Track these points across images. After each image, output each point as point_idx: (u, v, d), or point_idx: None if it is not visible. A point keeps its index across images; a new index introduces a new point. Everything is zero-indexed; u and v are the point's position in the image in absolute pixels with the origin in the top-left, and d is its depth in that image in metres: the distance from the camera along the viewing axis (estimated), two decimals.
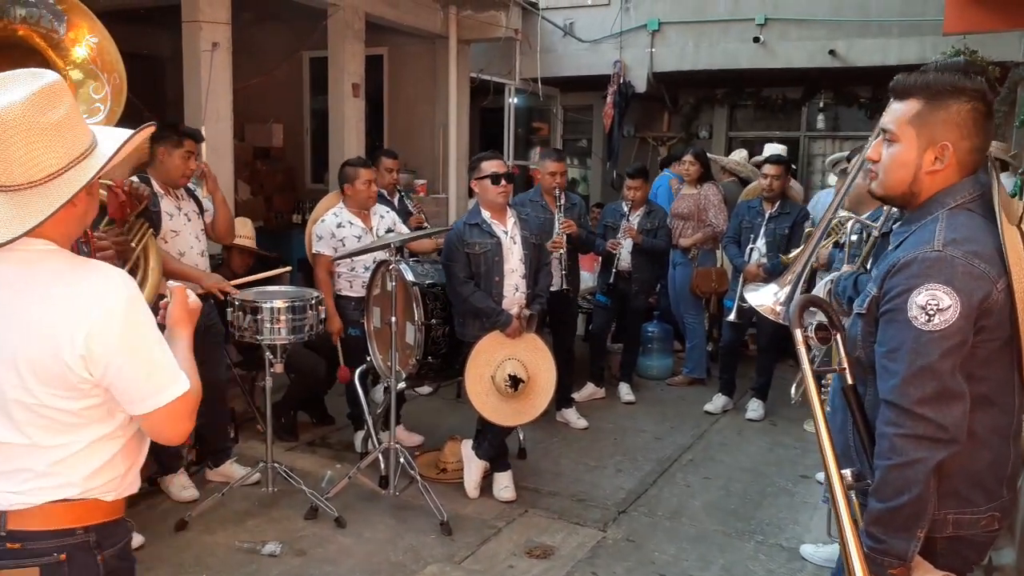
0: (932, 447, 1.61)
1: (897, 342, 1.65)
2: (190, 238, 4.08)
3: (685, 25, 9.09)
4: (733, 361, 5.82)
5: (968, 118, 1.69)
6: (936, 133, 1.70)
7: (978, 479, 1.70)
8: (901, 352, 1.63)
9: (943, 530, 1.70)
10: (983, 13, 5.09)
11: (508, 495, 4.22)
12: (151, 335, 1.58)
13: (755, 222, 5.50)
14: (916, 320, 1.61)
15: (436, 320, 4.19)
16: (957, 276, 1.60)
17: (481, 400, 4.02)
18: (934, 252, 1.63)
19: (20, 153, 1.45)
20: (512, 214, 4.31)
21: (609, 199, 8.77)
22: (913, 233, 1.73)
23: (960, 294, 1.59)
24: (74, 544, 1.57)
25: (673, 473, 4.69)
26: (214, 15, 5.48)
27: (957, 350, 1.61)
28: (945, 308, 1.59)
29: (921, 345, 1.61)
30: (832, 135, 10.00)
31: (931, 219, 1.71)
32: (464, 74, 8.33)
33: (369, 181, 4.65)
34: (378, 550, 3.68)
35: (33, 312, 1.50)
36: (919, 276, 1.62)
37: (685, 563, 3.65)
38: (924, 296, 1.60)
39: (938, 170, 1.72)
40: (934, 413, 1.60)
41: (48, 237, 1.54)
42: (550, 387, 4.17)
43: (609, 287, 5.83)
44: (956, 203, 1.71)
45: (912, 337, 1.62)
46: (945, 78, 1.70)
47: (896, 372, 1.64)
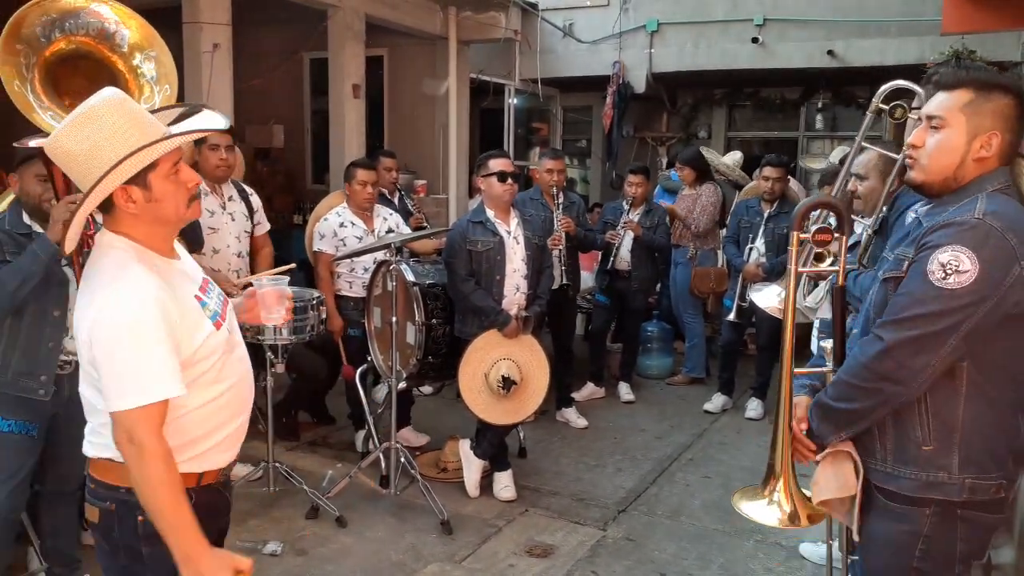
0: (886, 384, 1.76)
1: (908, 288, 1.76)
2: (228, 237, 4.15)
3: (684, 26, 9.10)
4: (732, 360, 5.83)
5: (1012, 112, 1.79)
6: (985, 122, 1.79)
7: (990, 446, 1.78)
8: (906, 297, 1.75)
9: (960, 494, 1.77)
10: (981, 13, 5.09)
11: (508, 494, 4.23)
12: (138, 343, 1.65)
13: (754, 222, 5.51)
14: (932, 275, 1.69)
15: (437, 320, 4.20)
16: (987, 246, 1.67)
17: (473, 397, 4.05)
18: (974, 219, 1.71)
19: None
20: (516, 214, 4.32)
21: (608, 199, 8.77)
22: (952, 210, 1.78)
23: (983, 263, 1.67)
24: (119, 499, 1.76)
25: (673, 472, 4.71)
26: (215, 16, 5.50)
27: (957, 313, 1.69)
28: (964, 271, 1.67)
29: (927, 297, 1.70)
30: (831, 135, 10.00)
31: (970, 200, 1.77)
32: (464, 75, 8.34)
33: (365, 182, 4.66)
34: (379, 549, 3.69)
35: (84, 292, 1.74)
36: (951, 236, 1.70)
37: (685, 562, 3.67)
38: (948, 255, 1.69)
39: (984, 157, 1.80)
40: (905, 357, 1.73)
41: (124, 233, 1.75)
42: (542, 389, 4.19)
43: (608, 286, 5.86)
44: (994, 188, 1.79)
45: (921, 288, 1.71)
46: (993, 74, 1.85)
47: (894, 312, 1.76)
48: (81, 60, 3.11)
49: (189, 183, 1.79)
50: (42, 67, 3.01)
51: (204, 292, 1.86)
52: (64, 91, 3.12)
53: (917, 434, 1.79)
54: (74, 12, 3.01)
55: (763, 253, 5.44)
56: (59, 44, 3.02)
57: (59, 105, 3.02)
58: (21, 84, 2.90)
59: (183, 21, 5.51)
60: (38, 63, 2.98)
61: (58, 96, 3.06)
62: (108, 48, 3.08)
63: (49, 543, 3.13)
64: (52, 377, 2.86)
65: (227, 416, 1.87)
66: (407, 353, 4.19)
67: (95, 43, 3.06)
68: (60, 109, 3.01)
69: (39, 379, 2.83)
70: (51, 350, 2.85)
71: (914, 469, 1.79)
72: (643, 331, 6.43)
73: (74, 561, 3.16)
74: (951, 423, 1.77)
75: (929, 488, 1.79)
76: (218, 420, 1.85)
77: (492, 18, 8.07)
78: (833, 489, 1.89)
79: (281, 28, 7.75)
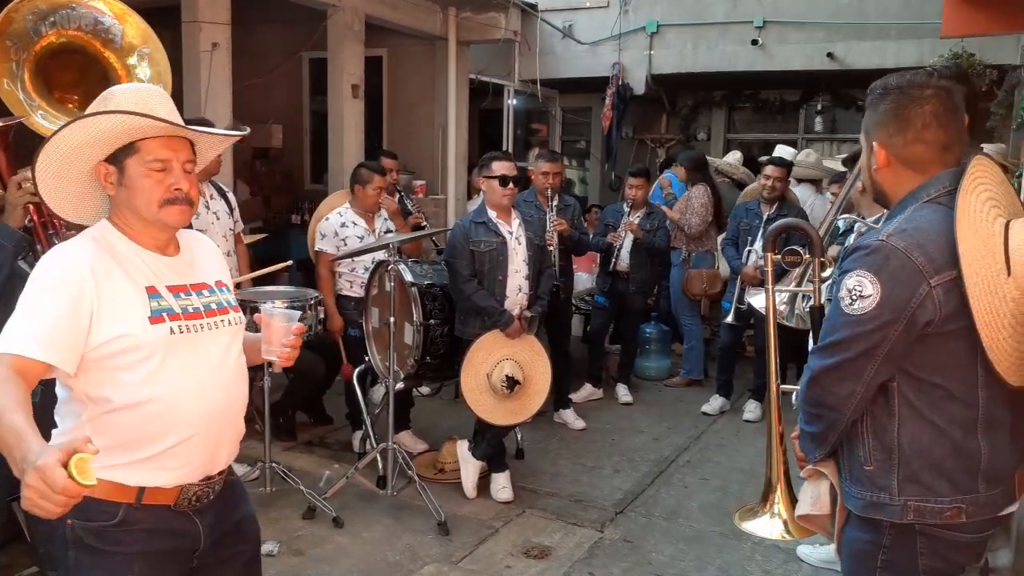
0: (823, 410, 1.78)
1: (828, 314, 1.81)
2: (216, 237, 4.11)
3: (684, 27, 9.10)
4: (730, 362, 5.83)
5: (890, 115, 1.76)
6: (871, 136, 1.81)
7: (940, 469, 1.72)
8: (826, 323, 1.79)
9: (904, 516, 1.73)
10: (981, 16, 5.10)
11: (506, 495, 4.22)
12: (31, 296, 1.65)
13: (753, 224, 5.50)
14: (842, 300, 1.72)
15: (435, 320, 4.19)
16: (887, 268, 1.66)
17: (475, 397, 4.03)
18: (877, 241, 1.70)
19: None
20: (517, 215, 4.32)
21: (608, 201, 8.79)
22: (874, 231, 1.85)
23: (883, 286, 1.65)
24: None
25: (670, 474, 4.70)
26: (214, 15, 5.49)
27: (868, 336, 1.68)
28: (867, 296, 1.67)
29: (840, 323, 1.72)
30: (830, 137, 10.01)
31: (895, 216, 1.78)
32: (463, 75, 8.33)
33: (380, 189, 4.68)
34: (376, 550, 3.68)
35: None
36: (856, 261, 1.72)
37: (682, 564, 3.66)
38: (853, 280, 1.70)
39: (881, 168, 1.80)
40: (830, 384, 1.74)
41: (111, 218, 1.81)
42: (545, 389, 4.19)
43: (608, 288, 5.86)
44: (929, 197, 1.74)
45: (836, 314, 1.74)
46: (876, 84, 1.80)
47: (820, 339, 1.81)
48: (72, 54, 3.09)
49: (174, 186, 1.73)
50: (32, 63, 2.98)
51: (181, 292, 1.78)
52: (54, 85, 3.11)
53: (860, 453, 1.78)
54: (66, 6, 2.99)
55: (761, 256, 5.41)
56: (49, 38, 3.00)
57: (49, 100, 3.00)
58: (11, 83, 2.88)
59: (182, 20, 5.50)
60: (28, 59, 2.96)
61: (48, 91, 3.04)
62: (101, 43, 3.06)
63: (42, 549, 3.10)
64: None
65: (161, 428, 1.72)
66: (405, 354, 4.19)
67: (88, 37, 3.04)
68: (50, 105, 2.99)
69: None
70: None
71: (860, 488, 1.78)
72: (641, 333, 6.43)
73: None
74: (888, 443, 1.74)
75: (873, 508, 1.76)
76: (151, 430, 1.71)
77: (492, 19, 8.07)
78: (807, 506, 1.95)
79: (281, 28, 7.74)
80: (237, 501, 1.98)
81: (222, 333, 1.84)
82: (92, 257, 1.69)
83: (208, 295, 1.86)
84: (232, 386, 1.87)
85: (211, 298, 1.86)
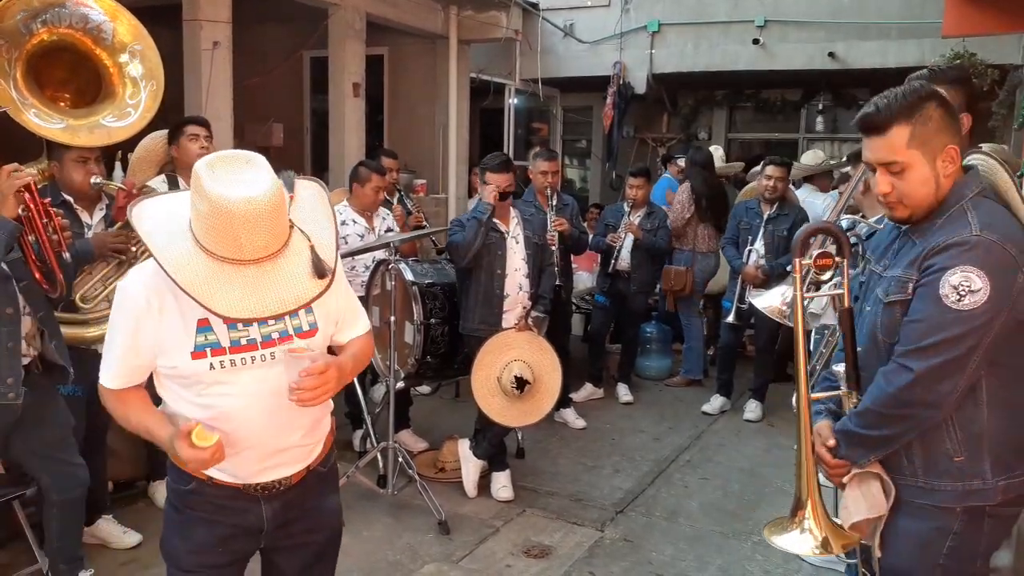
0: (918, 410, 1.79)
1: (923, 315, 1.77)
2: None
3: (685, 27, 9.09)
4: (731, 362, 5.82)
5: (946, 111, 1.81)
6: (935, 142, 1.80)
7: (1018, 446, 1.83)
8: (924, 324, 1.76)
9: (995, 497, 1.81)
10: (982, 16, 5.10)
11: (506, 495, 4.22)
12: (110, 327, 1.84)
13: (753, 223, 5.49)
14: (947, 298, 1.72)
15: (435, 320, 4.19)
16: (991, 261, 1.71)
17: (487, 402, 4.02)
18: (973, 236, 1.73)
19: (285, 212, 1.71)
20: (516, 215, 4.32)
21: (608, 200, 8.78)
22: (941, 225, 1.81)
23: (992, 278, 1.70)
24: None
25: (671, 473, 4.70)
26: (215, 14, 5.49)
27: (978, 332, 1.72)
28: (976, 290, 1.70)
29: (946, 321, 1.72)
30: (831, 137, 10.00)
31: (956, 209, 1.80)
32: (464, 74, 8.33)
33: (378, 188, 4.67)
34: (376, 549, 3.68)
35: None
36: (957, 257, 1.73)
37: (682, 563, 3.66)
38: (958, 276, 1.71)
39: (951, 171, 1.82)
40: (933, 383, 1.75)
41: None
42: (556, 388, 4.15)
43: (608, 287, 5.85)
44: (974, 193, 1.82)
45: (938, 312, 1.73)
46: (910, 92, 1.80)
47: (914, 340, 1.78)
48: (63, 52, 3.09)
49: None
50: (24, 61, 2.98)
51: (239, 322, 1.76)
52: (45, 83, 3.11)
53: (947, 447, 1.82)
54: (57, 4, 2.99)
55: (762, 255, 5.42)
56: (41, 36, 3.00)
57: (40, 98, 3.00)
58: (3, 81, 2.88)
59: (183, 19, 5.50)
60: (20, 57, 2.96)
61: (39, 88, 3.04)
62: (92, 40, 3.06)
63: (56, 543, 3.10)
64: (19, 379, 2.72)
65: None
66: (405, 353, 4.19)
67: (79, 35, 3.04)
68: (42, 102, 2.98)
69: (6, 382, 2.70)
70: (11, 351, 2.71)
71: (950, 481, 1.82)
72: (642, 332, 6.42)
73: (77, 559, 3.15)
74: (978, 433, 1.80)
75: (968, 496, 1.82)
76: None
77: (493, 18, 8.06)
78: (863, 510, 1.89)
79: (281, 26, 7.74)
80: (319, 490, 2.03)
81: (278, 362, 1.82)
82: (148, 292, 1.76)
83: (272, 324, 1.82)
84: (283, 412, 1.85)
85: (275, 327, 1.83)
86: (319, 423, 2.00)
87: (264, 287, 1.65)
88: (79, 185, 3.22)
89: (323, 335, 1.92)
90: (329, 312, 1.92)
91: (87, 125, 3.13)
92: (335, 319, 1.97)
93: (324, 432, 2.04)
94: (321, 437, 2.02)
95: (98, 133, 3.15)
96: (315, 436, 1.99)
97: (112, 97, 3.24)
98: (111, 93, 3.24)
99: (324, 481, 2.06)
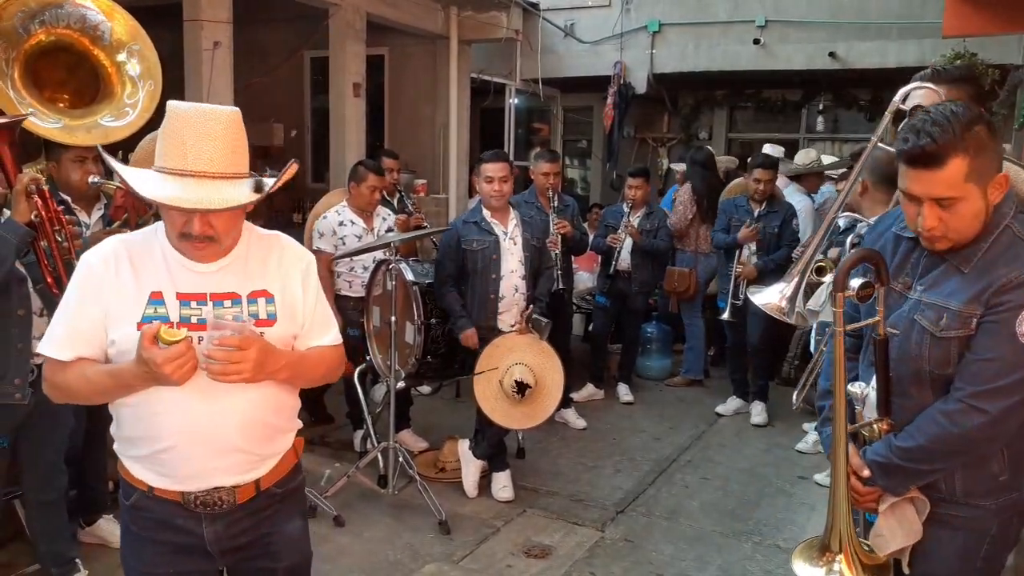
0: (983, 446, 1.76)
1: (996, 354, 1.70)
2: None
3: (685, 26, 9.10)
4: (741, 361, 5.78)
5: (991, 139, 1.71)
6: (988, 171, 1.69)
7: None
8: (997, 364, 1.70)
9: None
10: (982, 16, 5.09)
11: (506, 495, 4.22)
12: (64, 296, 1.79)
13: (743, 220, 5.46)
14: (1023, 337, 1.66)
15: (436, 320, 4.20)
16: None
17: (491, 405, 4.01)
18: None
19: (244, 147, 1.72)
20: (515, 216, 4.31)
21: (609, 200, 8.78)
22: (995, 254, 1.72)
23: None
24: None
25: (671, 473, 4.70)
26: (215, 14, 5.49)
27: None
28: None
29: (1022, 361, 1.67)
30: (831, 137, 10.00)
31: (1005, 235, 1.72)
32: (465, 74, 8.33)
33: (375, 188, 4.66)
34: (376, 549, 3.68)
35: None
36: None
37: (682, 563, 3.66)
38: None
39: (999, 199, 1.74)
40: (1007, 423, 1.72)
41: None
42: (558, 391, 4.13)
43: (609, 288, 5.85)
44: (1012, 211, 1.75)
45: (1013, 351, 1.67)
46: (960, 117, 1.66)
47: (987, 380, 1.71)
48: (61, 52, 3.09)
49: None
50: (22, 61, 2.98)
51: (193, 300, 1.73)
52: (44, 83, 3.11)
53: (995, 469, 1.81)
54: (55, 4, 2.99)
55: (754, 251, 5.41)
56: (39, 36, 3.00)
57: (39, 98, 3.00)
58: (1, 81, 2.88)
59: (184, 19, 5.50)
60: (18, 57, 2.96)
61: (37, 89, 3.04)
62: (90, 40, 3.06)
63: (43, 548, 3.11)
64: (27, 380, 2.75)
65: (145, 432, 1.77)
66: (406, 353, 4.19)
67: (77, 35, 3.04)
68: (40, 103, 2.98)
69: (13, 383, 2.72)
70: (21, 352, 2.74)
71: (992, 500, 1.82)
72: (642, 332, 6.42)
73: (69, 561, 3.15)
74: (1020, 452, 1.82)
75: (1004, 508, 1.83)
76: (140, 430, 1.78)
77: (493, 18, 8.06)
78: (900, 539, 1.85)
79: (282, 26, 7.74)
80: (275, 515, 1.92)
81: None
82: (107, 257, 1.76)
83: (229, 306, 1.77)
84: (230, 405, 1.76)
85: (230, 309, 1.77)
86: (266, 430, 1.85)
87: (196, 190, 1.64)
88: (77, 185, 3.22)
89: (282, 330, 1.82)
90: (295, 309, 1.85)
91: (85, 125, 3.14)
92: (301, 321, 1.87)
93: (279, 448, 1.90)
94: (274, 452, 1.89)
95: (96, 133, 3.15)
96: (263, 447, 1.86)
97: (111, 97, 3.24)
98: (109, 93, 3.25)
99: (281, 505, 1.93)
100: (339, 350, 1.97)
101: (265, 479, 1.87)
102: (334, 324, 1.97)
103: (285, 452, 1.93)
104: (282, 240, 1.94)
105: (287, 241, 1.95)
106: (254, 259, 1.84)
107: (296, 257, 1.90)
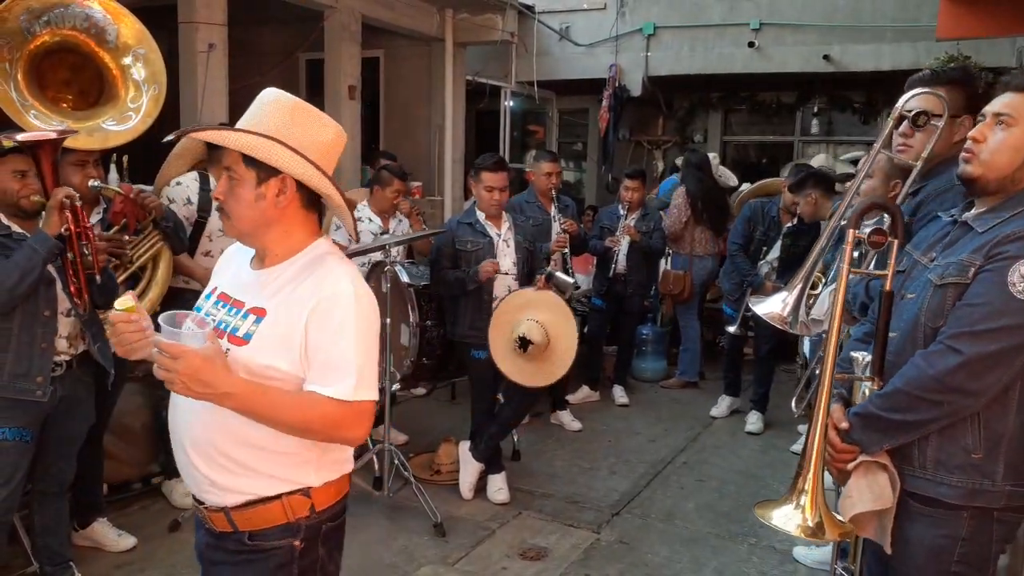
0: (956, 396, 1.75)
1: (984, 299, 1.73)
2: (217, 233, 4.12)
3: (680, 29, 9.10)
4: (736, 363, 5.77)
5: None
6: None
7: None
8: (983, 308, 1.73)
9: (999, 502, 1.79)
10: (976, 19, 5.11)
11: (502, 497, 4.22)
12: None
13: (770, 236, 5.28)
14: (1014, 286, 1.69)
15: (431, 322, 4.19)
16: None
17: (502, 355, 3.98)
18: None
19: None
20: (507, 219, 4.32)
21: (604, 202, 8.79)
22: (1013, 217, 1.78)
23: None
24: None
25: (667, 475, 4.71)
26: (210, 16, 5.48)
27: None
28: None
29: (1008, 309, 1.70)
30: (826, 139, 10.01)
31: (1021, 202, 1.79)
32: (460, 77, 8.33)
33: (399, 192, 4.77)
34: (372, 551, 3.68)
35: None
36: None
37: (678, 565, 3.66)
38: None
39: None
40: (980, 371, 1.72)
41: None
42: (568, 357, 4.04)
43: (604, 290, 5.85)
44: None
45: (1001, 299, 1.71)
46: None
47: (969, 323, 1.74)
48: (66, 53, 3.09)
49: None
50: (26, 62, 2.98)
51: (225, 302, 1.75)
52: (48, 85, 3.10)
53: (968, 442, 1.79)
54: (60, 5, 2.99)
55: (775, 268, 5.16)
56: (43, 37, 3.00)
57: (42, 100, 2.99)
58: (4, 82, 2.88)
59: (179, 21, 5.49)
60: (22, 58, 2.96)
61: (41, 90, 3.04)
62: (96, 42, 3.07)
63: (40, 542, 3.13)
64: (48, 378, 2.84)
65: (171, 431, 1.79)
66: (401, 355, 4.18)
67: (82, 37, 3.05)
68: (43, 104, 2.98)
69: (35, 380, 2.80)
70: (44, 351, 2.83)
71: (960, 476, 1.80)
72: (638, 334, 6.42)
73: (64, 561, 3.15)
74: (1000, 432, 1.78)
75: (972, 496, 1.80)
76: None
77: (488, 20, 8.06)
78: (868, 501, 1.84)
79: (277, 28, 7.74)
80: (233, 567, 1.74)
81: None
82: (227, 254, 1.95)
83: (231, 315, 1.71)
84: (185, 419, 1.70)
85: (229, 318, 1.71)
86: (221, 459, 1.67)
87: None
88: (77, 188, 3.21)
89: (257, 355, 1.64)
90: (290, 341, 1.64)
91: (86, 128, 3.13)
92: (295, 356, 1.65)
93: (245, 487, 1.69)
94: (237, 489, 1.69)
95: (96, 136, 3.15)
96: (222, 477, 1.68)
97: (115, 100, 3.23)
98: (114, 95, 3.24)
99: (244, 558, 1.72)
100: (344, 407, 1.62)
101: (233, 508, 1.69)
102: (351, 376, 1.63)
103: (265, 499, 1.69)
104: (325, 269, 1.71)
105: (328, 273, 1.70)
106: (288, 277, 1.71)
107: (318, 288, 1.66)
